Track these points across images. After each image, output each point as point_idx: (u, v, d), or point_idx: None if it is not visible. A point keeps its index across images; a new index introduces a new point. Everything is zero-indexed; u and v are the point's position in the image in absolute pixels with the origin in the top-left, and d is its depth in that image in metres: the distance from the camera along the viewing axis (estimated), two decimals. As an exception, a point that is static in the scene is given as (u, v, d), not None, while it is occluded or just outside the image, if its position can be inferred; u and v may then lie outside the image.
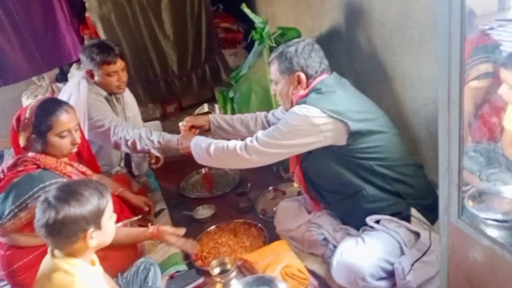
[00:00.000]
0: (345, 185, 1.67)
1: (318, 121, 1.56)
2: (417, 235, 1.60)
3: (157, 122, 3.31)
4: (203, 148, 1.81)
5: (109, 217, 1.35)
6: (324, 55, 1.76)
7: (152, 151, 2.26)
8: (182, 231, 1.87)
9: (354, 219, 1.72)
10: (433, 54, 1.86)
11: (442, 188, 1.08)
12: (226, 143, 1.76)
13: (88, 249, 1.31)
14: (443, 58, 0.95)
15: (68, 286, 1.24)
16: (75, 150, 1.83)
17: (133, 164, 2.72)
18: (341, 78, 1.76)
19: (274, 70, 1.76)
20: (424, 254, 1.54)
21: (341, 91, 1.65)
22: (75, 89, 2.39)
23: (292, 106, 1.72)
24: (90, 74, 2.38)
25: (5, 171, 1.73)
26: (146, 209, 2.17)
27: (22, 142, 1.74)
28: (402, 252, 1.56)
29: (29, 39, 3.45)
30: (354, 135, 1.57)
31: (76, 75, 3.40)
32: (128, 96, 2.67)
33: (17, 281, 1.75)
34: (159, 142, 2.22)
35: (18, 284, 1.75)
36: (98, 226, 1.30)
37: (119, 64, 2.37)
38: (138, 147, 2.24)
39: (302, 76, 1.68)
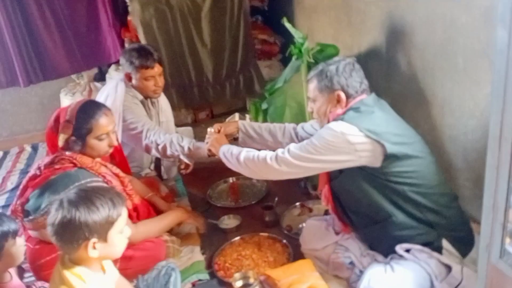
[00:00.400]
0: (375, 209, 1.63)
1: (354, 140, 1.53)
2: (448, 268, 1.54)
3: (189, 128, 3.33)
4: (234, 155, 1.82)
5: (119, 231, 1.32)
6: (364, 75, 1.74)
7: (181, 157, 2.28)
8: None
9: (382, 245, 1.68)
10: (477, 82, 1.81)
11: (485, 226, 1.03)
12: (257, 153, 1.75)
13: (93, 259, 1.30)
14: (498, 91, 0.92)
15: None
16: (111, 151, 1.87)
17: (162, 168, 2.75)
18: (379, 99, 1.73)
19: (313, 88, 1.74)
20: (455, 289, 1.49)
21: (380, 112, 1.62)
22: (113, 91, 2.44)
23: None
24: (128, 77, 2.43)
25: (42, 168, 1.77)
26: None
27: (61, 143, 1.78)
28: (432, 285, 1.50)
29: (72, 38, 3.58)
30: (390, 158, 1.53)
31: (114, 76, 3.49)
32: (163, 101, 2.71)
33: (42, 275, 1.78)
34: (189, 148, 2.25)
35: (42, 279, 1.78)
36: (103, 238, 1.28)
37: (157, 69, 2.41)
38: (168, 152, 2.27)
39: (342, 95, 1.66)
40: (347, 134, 1.53)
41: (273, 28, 3.91)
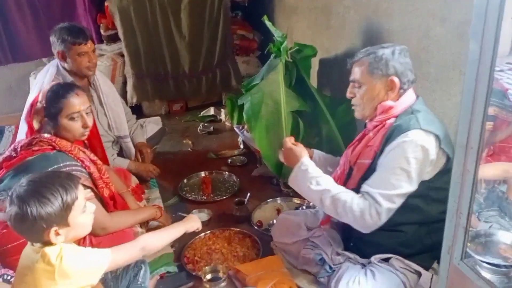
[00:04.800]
0: (390, 219, 1.48)
1: (432, 152, 1.40)
2: (419, 274, 1.54)
3: (157, 118, 3.23)
4: (317, 189, 1.56)
5: (80, 212, 1.29)
6: None
7: None
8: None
9: (369, 249, 1.60)
10: (447, 92, 1.89)
11: (448, 229, 1.09)
12: (346, 197, 1.50)
13: (59, 242, 1.27)
14: (467, 102, 0.97)
15: (49, 277, 1.21)
16: (87, 133, 1.83)
17: (124, 154, 2.71)
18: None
19: (361, 71, 1.56)
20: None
21: (435, 117, 1.51)
22: (43, 76, 2.41)
23: (374, 114, 1.58)
24: (61, 55, 2.36)
25: (18, 149, 1.72)
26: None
27: (35, 125, 1.75)
28: None
29: (45, 20, 3.49)
30: (443, 170, 1.43)
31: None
32: (103, 83, 2.62)
33: (8, 261, 1.72)
34: None
35: (7, 265, 1.72)
36: (64, 223, 1.25)
37: (90, 45, 2.38)
38: None
39: (397, 81, 1.50)
40: (429, 147, 1.39)
41: (252, 25, 3.93)
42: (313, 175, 1.59)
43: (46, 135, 1.74)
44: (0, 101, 3.83)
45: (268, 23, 2.44)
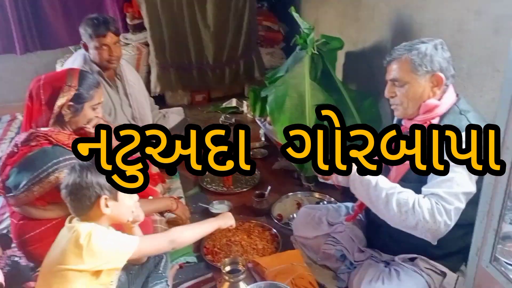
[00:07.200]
0: None
1: None
2: (444, 275, 1.50)
3: (179, 108, 3.24)
4: (379, 189, 1.42)
5: (129, 195, 1.39)
6: None
7: None
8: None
9: (397, 248, 1.55)
10: (480, 88, 1.82)
11: (478, 230, 1.05)
12: (412, 196, 1.39)
13: (103, 217, 1.34)
14: (505, 100, 0.93)
15: (77, 254, 1.26)
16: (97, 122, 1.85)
17: None
18: None
19: (404, 69, 1.48)
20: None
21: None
22: (71, 65, 2.40)
23: (416, 113, 1.50)
24: (85, 47, 2.39)
25: (19, 145, 1.72)
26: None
27: (56, 108, 1.72)
28: None
29: (73, 8, 3.52)
30: None
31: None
32: (129, 73, 2.62)
33: (28, 250, 1.76)
34: None
35: (29, 254, 1.77)
36: (114, 196, 1.35)
37: (110, 38, 2.35)
38: None
39: (442, 76, 1.44)
40: None
41: (278, 16, 3.88)
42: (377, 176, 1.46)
43: (42, 129, 1.72)
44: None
45: (295, 15, 2.40)
